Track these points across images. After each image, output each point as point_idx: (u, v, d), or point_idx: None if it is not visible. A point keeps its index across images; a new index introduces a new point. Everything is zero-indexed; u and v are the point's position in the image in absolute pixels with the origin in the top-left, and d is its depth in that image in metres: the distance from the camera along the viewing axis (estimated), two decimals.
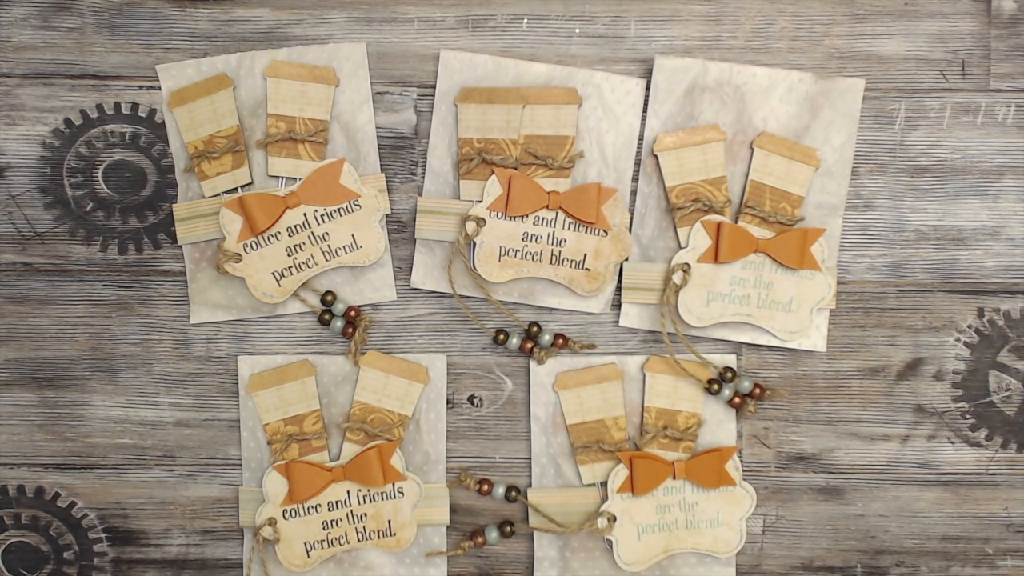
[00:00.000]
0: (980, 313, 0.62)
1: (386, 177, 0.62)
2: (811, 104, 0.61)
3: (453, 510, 0.63)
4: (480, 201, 0.60)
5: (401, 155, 0.62)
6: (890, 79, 0.62)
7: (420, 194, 0.62)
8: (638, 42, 0.61)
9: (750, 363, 0.63)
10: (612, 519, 0.61)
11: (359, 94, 0.61)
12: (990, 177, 0.62)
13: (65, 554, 0.63)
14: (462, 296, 0.62)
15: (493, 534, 0.62)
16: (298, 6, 0.61)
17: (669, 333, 0.62)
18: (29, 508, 0.63)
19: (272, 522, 0.61)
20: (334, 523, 0.61)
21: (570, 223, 0.60)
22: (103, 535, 0.63)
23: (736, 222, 0.61)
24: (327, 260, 0.61)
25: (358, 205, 0.61)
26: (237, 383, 0.62)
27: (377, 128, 0.62)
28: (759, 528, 0.63)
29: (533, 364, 0.62)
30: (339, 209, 0.60)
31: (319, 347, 0.63)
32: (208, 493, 0.63)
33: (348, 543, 0.61)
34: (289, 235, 0.60)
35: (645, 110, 0.61)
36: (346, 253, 0.61)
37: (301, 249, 0.60)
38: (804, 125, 0.61)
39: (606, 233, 0.60)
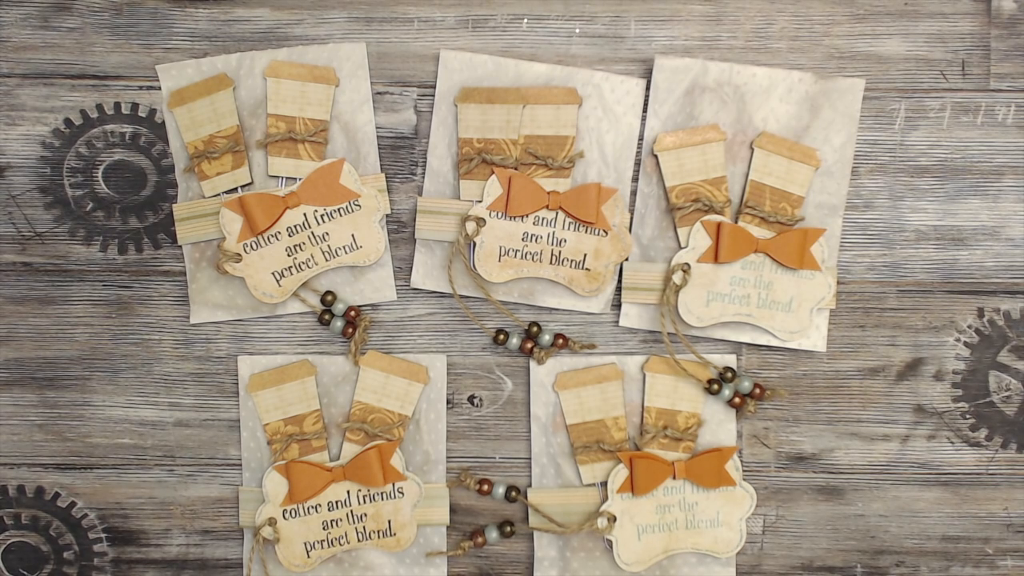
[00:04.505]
0: (980, 313, 0.62)
1: (386, 177, 0.62)
2: (811, 104, 0.60)
3: (453, 510, 0.63)
4: (480, 201, 0.60)
5: (401, 155, 0.62)
6: (890, 79, 0.62)
7: (420, 194, 0.62)
8: (638, 42, 0.61)
9: (750, 363, 0.63)
10: (612, 519, 0.61)
11: (359, 94, 0.61)
12: (990, 177, 0.62)
13: (65, 554, 0.63)
14: (462, 296, 0.62)
15: (493, 534, 0.62)
16: (298, 6, 0.61)
17: (669, 333, 0.62)
18: (29, 508, 0.63)
19: (272, 522, 0.61)
20: (334, 523, 0.61)
21: (570, 223, 0.60)
22: (103, 535, 0.63)
23: (736, 222, 0.61)
24: (327, 260, 0.61)
25: (358, 205, 0.61)
26: (237, 383, 0.62)
27: (377, 128, 0.62)
28: (759, 528, 0.63)
29: (533, 364, 0.62)
30: (339, 209, 0.60)
31: (319, 347, 0.63)
32: (208, 493, 0.63)
33: (348, 543, 0.61)
34: (289, 235, 0.60)
35: (645, 110, 0.61)
36: (346, 253, 0.61)
37: (301, 249, 0.60)
38: (804, 125, 0.61)
39: (606, 233, 0.60)
